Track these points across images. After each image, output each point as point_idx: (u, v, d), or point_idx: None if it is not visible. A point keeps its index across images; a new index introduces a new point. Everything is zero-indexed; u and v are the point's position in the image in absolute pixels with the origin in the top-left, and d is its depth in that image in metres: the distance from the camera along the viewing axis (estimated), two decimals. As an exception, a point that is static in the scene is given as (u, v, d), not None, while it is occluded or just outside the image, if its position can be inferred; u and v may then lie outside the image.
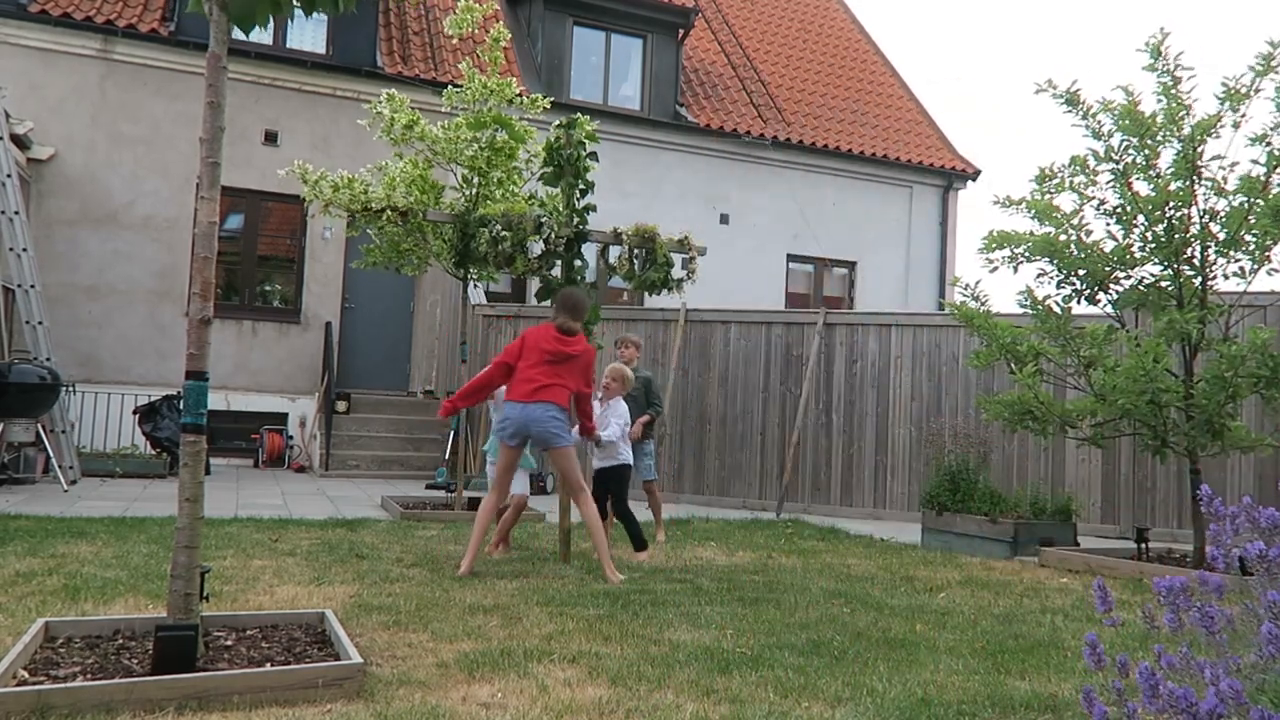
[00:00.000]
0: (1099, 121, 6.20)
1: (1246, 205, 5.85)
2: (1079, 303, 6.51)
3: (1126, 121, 6.06)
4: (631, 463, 6.29)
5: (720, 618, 4.25)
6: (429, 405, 12.21)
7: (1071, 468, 8.67)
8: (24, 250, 9.43)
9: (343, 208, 7.67)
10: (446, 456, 10.38)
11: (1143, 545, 6.46)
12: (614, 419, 6.08)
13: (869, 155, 16.02)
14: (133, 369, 11.81)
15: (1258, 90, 5.85)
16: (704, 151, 15.09)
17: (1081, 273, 6.37)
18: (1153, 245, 6.18)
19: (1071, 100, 6.30)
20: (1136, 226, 6.23)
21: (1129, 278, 6.36)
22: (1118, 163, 6.17)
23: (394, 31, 14.19)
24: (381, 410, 12.31)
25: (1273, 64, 5.80)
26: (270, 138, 12.66)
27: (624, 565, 5.69)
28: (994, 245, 6.49)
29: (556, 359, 5.29)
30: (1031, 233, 6.45)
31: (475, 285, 8.88)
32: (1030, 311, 6.61)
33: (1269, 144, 5.83)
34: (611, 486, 6.12)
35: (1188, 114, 5.97)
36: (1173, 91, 6.00)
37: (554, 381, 5.27)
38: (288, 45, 13.02)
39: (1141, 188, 6.18)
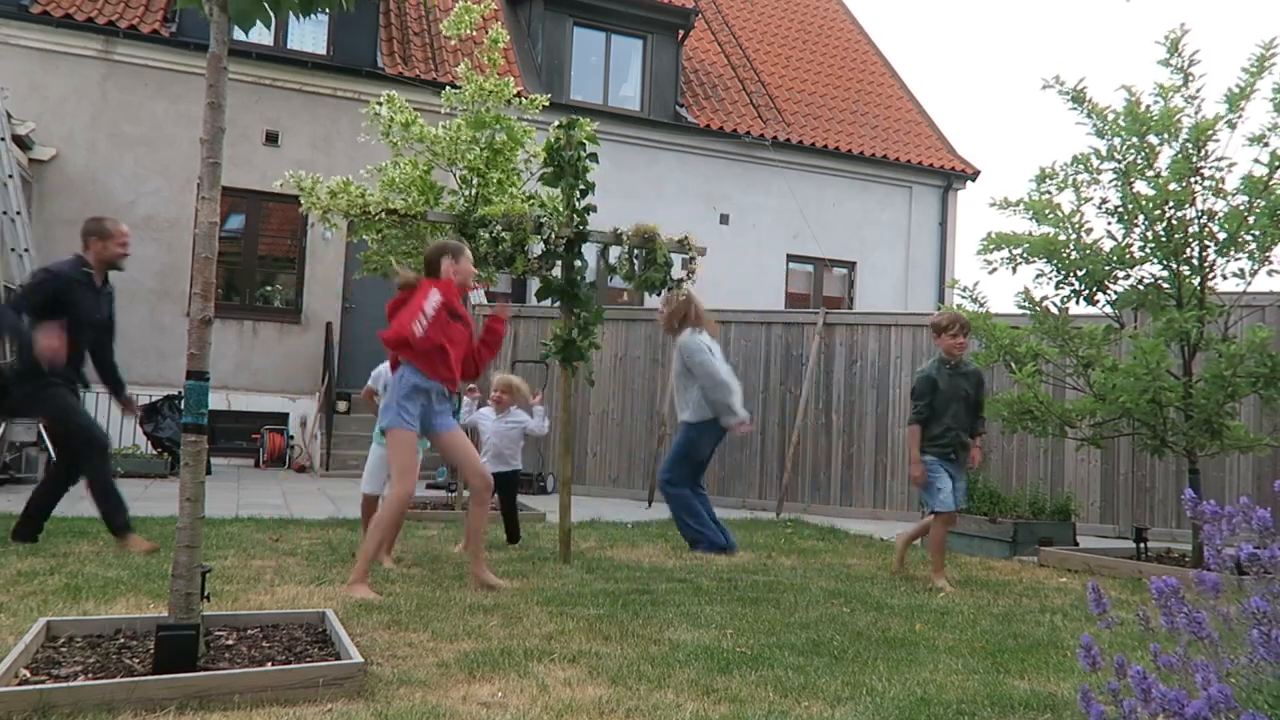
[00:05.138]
0: (1103, 119, 6.19)
1: (1246, 206, 5.86)
2: (1078, 303, 6.51)
3: (1121, 123, 6.06)
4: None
5: (720, 618, 4.26)
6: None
7: (1070, 467, 8.67)
8: (25, 250, 9.45)
9: (340, 213, 7.67)
10: (447, 456, 10.35)
11: (1142, 545, 6.46)
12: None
13: (868, 155, 16.03)
14: (133, 369, 11.76)
15: (1254, 91, 5.86)
16: (704, 152, 15.10)
17: (1080, 273, 6.37)
18: (1152, 245, 6.18)
19: (1078, 97, 6.29)
20: (1137, 226, 6.23)
21: (1128, 278, 6.36)
22: (1120, 161, 6.18)
23: (394, 32, 14.21)
24: (382, 410, 12.32)
25: (1266, 65, 5.80)
26: (271, 138, 12.67)
27: (624, 565, 5.70)
28: (992, 247, 6.49)
29: None
30: (1030, 234, 6.45)
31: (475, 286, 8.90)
32: (1028, 313, 6.61)
33: (1266, 144, 5.83)
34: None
35: (1196, 113, 5.96)
36: (1181, 90, 6.00)
37: None
38: (288, 46, 13.05)
39: (1142, 188, 6.18)
